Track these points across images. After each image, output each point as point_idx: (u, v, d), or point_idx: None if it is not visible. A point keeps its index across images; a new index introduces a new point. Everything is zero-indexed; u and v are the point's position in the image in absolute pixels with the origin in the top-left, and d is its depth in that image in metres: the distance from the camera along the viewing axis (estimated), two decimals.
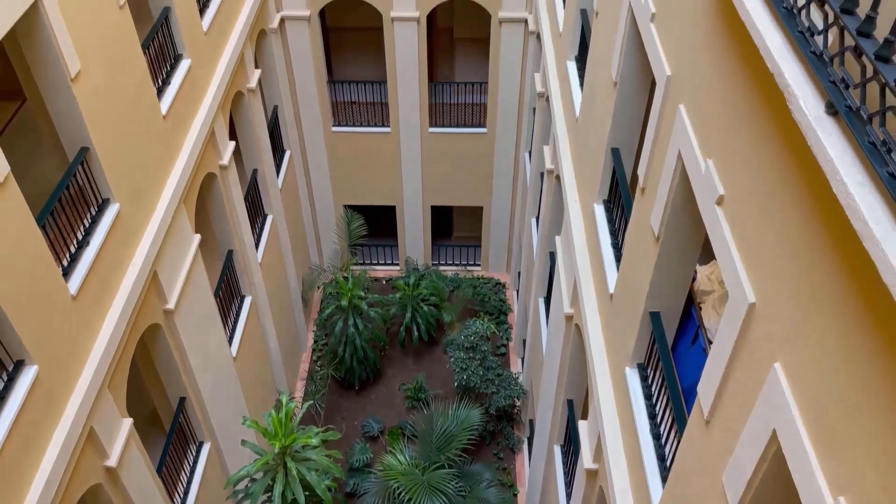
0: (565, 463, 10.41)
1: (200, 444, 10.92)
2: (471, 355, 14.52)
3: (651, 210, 5.76)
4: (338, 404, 15.93)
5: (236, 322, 12.47)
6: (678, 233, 5.45)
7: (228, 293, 12.23)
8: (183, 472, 10.33)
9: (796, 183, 3.27)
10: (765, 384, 3.47)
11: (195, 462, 10.71)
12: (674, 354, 6.33)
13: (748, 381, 3.74)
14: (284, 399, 10.08)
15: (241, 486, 10.30)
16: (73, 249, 7.38)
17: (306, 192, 17.12)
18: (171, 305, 9.28)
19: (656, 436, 5.90)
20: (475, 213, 18.20)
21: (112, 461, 7.83)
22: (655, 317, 6.01)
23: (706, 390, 4.28)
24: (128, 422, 8.25)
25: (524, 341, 15.32)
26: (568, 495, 9.85)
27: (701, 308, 6.39)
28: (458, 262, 18.88)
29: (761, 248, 3.67)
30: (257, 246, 13.47)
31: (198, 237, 10.30)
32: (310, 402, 10.97)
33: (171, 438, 9.83)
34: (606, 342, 7.54)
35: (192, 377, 10.09)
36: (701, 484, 4.39)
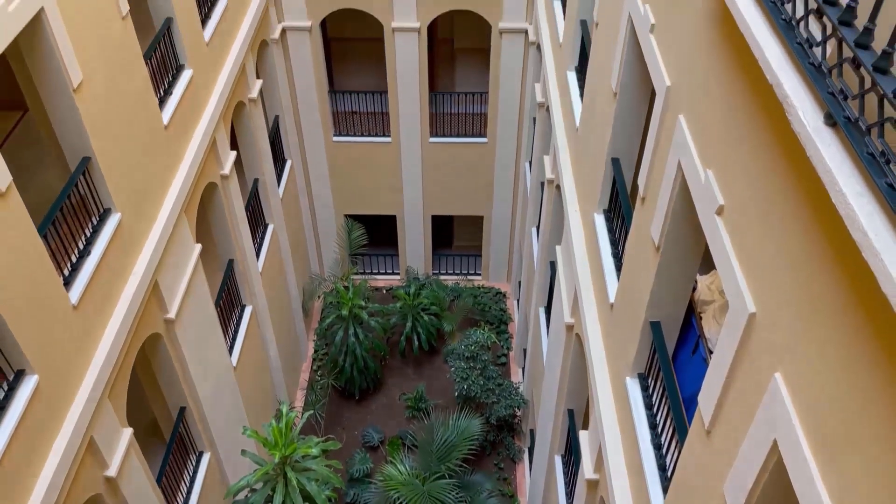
0: (566, 473, 10.37)
1: (200, 454, 10.90)
2: (471, 365, 14.50)
3: (651, 220, 5.78)
4: (338, 414, 15.90)
5: (237, 331, 12.46)
6: (678, 243, 5.46)
7: (229, 302, 12.24)
8: (183, 482, 10.30)
9: (796, 193, 3.28)
10: (765, 394, 3.47)
11: (195, 472, 10.68)
12: (674, 364, 6.32)
13: (749, 391, 3.74)
14: (284, 409, 10.06)
15: (241, 497, 10.27)
16: (75, 259, 7.39)
17: (307, 202, 17.13)
18: (172, 315, 9.28)
19: (657, 446, 5.89)
20: (476, 223, 18.21)
21: (112, 471, 7.82)
22: (656, 326, 6.01)
23: (707, 400, 4.28)
24: (128, 431, 8.24)
25: (525, 351, 15.30)
26: None
27: (701, 318, 6.39)
28: (459, 272, 18.88)
29: (761, 258, 3.68)
30: (258, 255, 13.47)
31: (199, 247, 10.32)
32: (310, 412, 10.95)
33: (171, 448, 9.81)
34: (607, 352, 7.54)
35: (193, 386, 10.08)
36: (702, 494, 4.39)
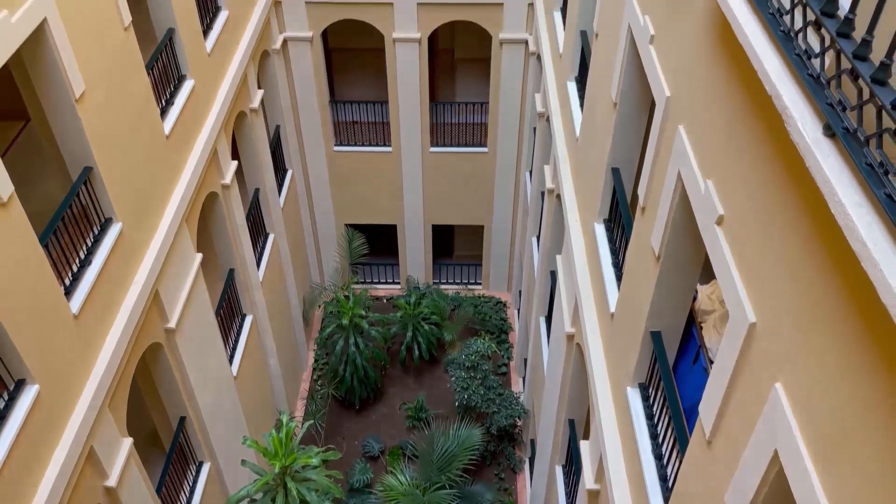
0: (567, 483, 10.34)
1: (200, 464, 10.87)
2: (472, 374, 14.48)
3: (651, 230, 5.79)
4: (338, 424, 15.86)
5: (237, 341, 12.46)
6: (678, 252, 5.47)
7: (229, 312, 12.24)
8: (182, 493, 10.27)
9: (795, 203, 3.29)
10: (766, 404, 3.47)
11: (195, 482, 10.65)
12: (675, 374, 6.32)
13: (749, 401, 3.74)
14: (285, 418, 10.04)
15: None
16: (76, 268, 7.40)
17: (308, 211, 17.16)
18: (173, 324, 9.28)
19: (658, 456, 5.88)
20: (476, 232, 18.22)
21: (112, 481, 7.80)
22: (656, 336, 6.01)
23: (708, 410, 4.28)
24: (128, 441, 8.23)
25: (525, 360, 15.28)
26: None
27: (702, 327, 6.39)
28: (459, 281, 18.88)
29: (761, 268, 3.69)
30: (258, 265, 13.48)
31: (199, 256, 10.33)
32: (310, 422, 10.93)
33: (171, 458, 9.79)
34: (607, 361, 7.53)
35: (193, 396, 10.06)
36: None
